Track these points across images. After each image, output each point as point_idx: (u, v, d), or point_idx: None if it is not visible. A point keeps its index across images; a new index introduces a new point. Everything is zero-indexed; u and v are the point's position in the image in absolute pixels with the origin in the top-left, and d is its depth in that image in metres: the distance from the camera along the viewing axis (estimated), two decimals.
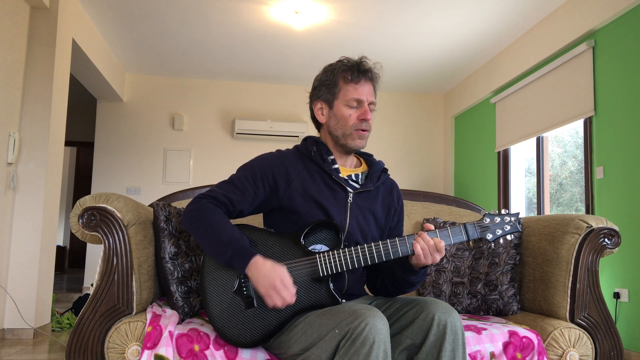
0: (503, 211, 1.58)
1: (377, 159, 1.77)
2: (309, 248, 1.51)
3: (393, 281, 1.61)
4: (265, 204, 1.63)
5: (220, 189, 1.58)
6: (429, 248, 1.47)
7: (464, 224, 1.53)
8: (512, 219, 1.57)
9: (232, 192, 1.57)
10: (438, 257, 1.48)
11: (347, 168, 1.70)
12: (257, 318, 1.48)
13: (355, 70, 1.62)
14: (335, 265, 1.48)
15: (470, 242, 1.57)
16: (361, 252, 1.49)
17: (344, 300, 1.52)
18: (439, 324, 1.39)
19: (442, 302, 1.45)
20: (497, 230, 1.55)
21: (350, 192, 1.64)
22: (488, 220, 1.56)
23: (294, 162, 1.64)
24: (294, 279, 1.46)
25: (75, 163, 9.30)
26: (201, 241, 1.51)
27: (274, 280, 1.40)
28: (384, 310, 1.54)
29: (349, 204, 1.63)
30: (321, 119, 1.69)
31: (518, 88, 4.90)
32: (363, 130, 1.63)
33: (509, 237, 1.57)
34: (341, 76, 1.63)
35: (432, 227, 1.52)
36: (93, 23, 4.75)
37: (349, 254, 1.48)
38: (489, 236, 1.54)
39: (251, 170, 1.61)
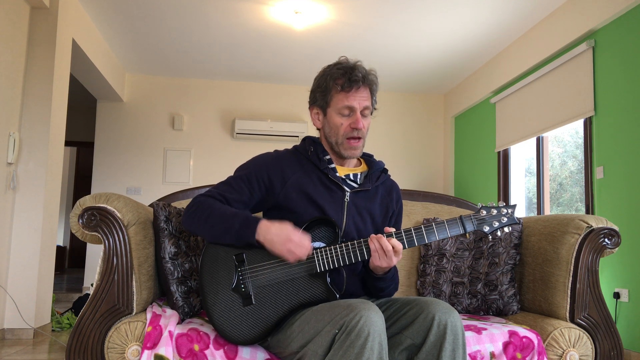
0: (500, 203, 1.57)
1: (378, 159, 1.77)
2: None
3: (368, 287, 1.65)
4: (262, 203, 1.65)
5: (216, 189, 1.62)
6: (380, 251, 1.47)
7: (461, 217, 1.53)
8: (509, 210, 1.56)
9: (228, 191, 1.60)
10: (394, 260, 1.48)
11: (346, 168, 1.70)
12: (256, 315, 1.48)
13: (346, 79, 1.59)
14: (332, 261, 1.48)
15: (467, 235, 1.56)
16: (358, 247, 1.49)
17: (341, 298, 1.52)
18: (439, 324, 1.39)
19: (442, 302, 1.45)
20: (494, 222, 1.54)
21: (347, 192, 1.64)
22: (485, 212, 1.55)
23: (290, 162, 1.65)
24: (292, 276, 1.48)
25: (75, 163, 9.31)
26: (205, 229, 1.53)
27: (288, 234, 1.44)
28: (384, 310, 1.54)
29: (346, 203, 1.63)
30: (317, 124, 1.71)
31: (518, 88, 4.90)
32: (355, 139, 1.62)
33: (506, 229, 1.56)
34: (333, 84, 1.61)
35: (391, 230, 1.51)
36: (93, 23, 4.75)
37: (345, 249, 1.49)
38: (486, 228, 1.53)
39: (247, 171, 1.63)
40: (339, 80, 1.60)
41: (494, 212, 1.55)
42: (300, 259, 1.46)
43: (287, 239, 1.44)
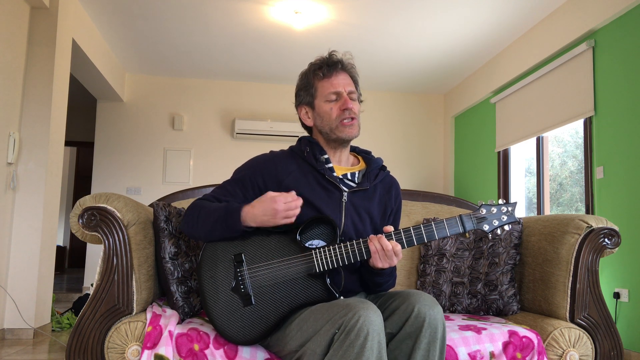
0: (500, 201, 1.56)
1: (376, 156, 1.77)
2: (307, 244, 1.51)
3: (366, 282, 1.65)
4: None
5: (212, 193, 1.64)
6: (381, 252, 1.48)
7: (460, 215, 1.52)
8: (510, 208, 1.54)
9: (222, 195, 1.62)
10: (395, 261, 1.49)
11: (343, 167, 1.70)
12: (255, 315, 1.48)
13: (324, 65, 1.65)
14: (331, 261, 1.48)
15: (467, 234, 1.56)
16: (357, 247, 1.49)
17: (341, 297, 1.52)
18: (418, 316, 1.38)
19: (427, 295, 1.45)
20: (494, 221, 1.53)
21: (345, 192, 1.64)
22: (485, 210, 1.54)
23: (285, 163, 1.65)
24: (291, 276, 1.49)
25: (75, 163, 9.31)
26: (199, 228, 1.55)
27: (271, 206, 1.46)
28: (373, 302, 1.54)
29: (344, 203, 1.63)
30: (308, 122, 1.72)
31: (518, 88, 4.90)
32: (348, 119, 1.63)
33: (506, 227, 1.55)
34: (314, 75, 1.67)
35: (390, 228, 1.52)
36: (93, 23, 4.75)
37: (344, 249, 1.49)
38: (486, 227, 1.52)
39: (241, 174, 1.65)
40: (319, 70, 1.66)
41: (494, 210, 1.54)
42: (297, 214, 1.48)
43: (274, 213, 1.45)
